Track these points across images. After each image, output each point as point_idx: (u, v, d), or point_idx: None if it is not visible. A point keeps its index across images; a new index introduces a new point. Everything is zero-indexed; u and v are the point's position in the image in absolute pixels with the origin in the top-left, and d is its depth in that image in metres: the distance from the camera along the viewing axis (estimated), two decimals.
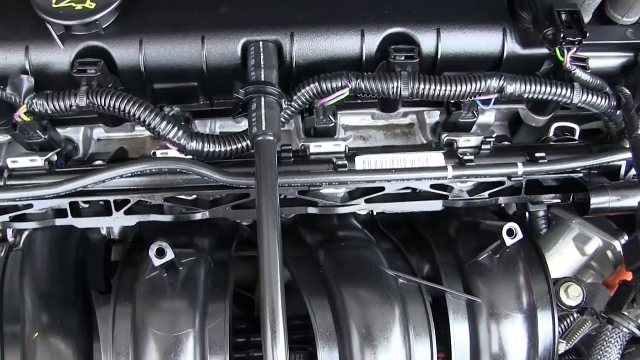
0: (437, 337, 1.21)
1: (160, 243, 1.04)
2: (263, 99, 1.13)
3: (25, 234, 1.35)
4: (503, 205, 1.35)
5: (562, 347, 1.37)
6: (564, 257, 1.42)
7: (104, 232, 1.40)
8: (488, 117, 1.47)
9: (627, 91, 1.27)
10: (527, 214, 1.48)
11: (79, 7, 1.18)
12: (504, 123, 1.55)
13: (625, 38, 1.40)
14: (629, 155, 1.27)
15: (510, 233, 1.10)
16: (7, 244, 1.33)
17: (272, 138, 1.09)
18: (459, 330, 1.21)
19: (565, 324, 1.31)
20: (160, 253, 1.05)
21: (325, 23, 1.25)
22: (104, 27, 1.23)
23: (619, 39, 1.40)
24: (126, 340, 1.14)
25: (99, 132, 1.42)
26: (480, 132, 1.38)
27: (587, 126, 1.47)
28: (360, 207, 1.25)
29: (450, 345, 1.19)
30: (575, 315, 1.32)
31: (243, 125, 1.37)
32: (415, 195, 1.27)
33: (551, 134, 1.38)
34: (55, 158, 1.26)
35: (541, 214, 1.50)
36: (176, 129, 1.14)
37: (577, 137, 1.37)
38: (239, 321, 1.46)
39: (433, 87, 1.18)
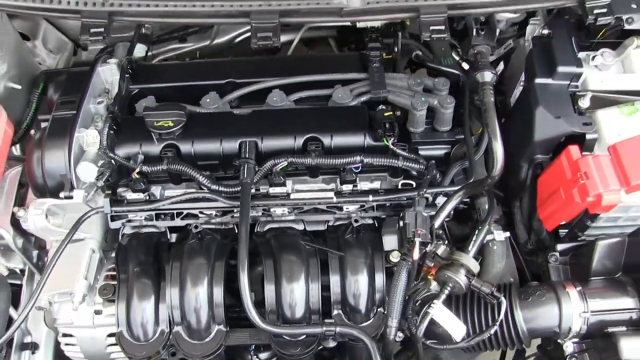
0: (323, 282, 2.16)
1: (196, 222, 2.26)
2: (246, 165, 2.31)
3: (126, 238, 2.37)
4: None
5: None
6: None
7: (168, 236, 2.54)
8: (375, 184, 2.59)
9: (433, 161, 2.39)
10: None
11: (166, 124, 2.24)
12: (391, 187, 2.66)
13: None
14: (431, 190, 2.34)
15: (356, 221, 2.26)
16: (118, 244, 2.55)
17: (249, 182, 2.29)
18: (334, 277, 2.16)
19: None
20: (196, 227, 2.25)
21: (277, 133, 2.29)
22: (176, 134, 2.31)
23: (440, 139, 2.37)
24: (177, 276, 2.24)
25: (167, 191, 2.64)
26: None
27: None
28: (293, 218, 2.41)
29: (330, 285, 2.20)
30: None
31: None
32: (321, 212, 2.44)
33: (399, 185, 2.52)
34: (148, 197, 2.47)
35: None
36: (207, 179, 2.34)
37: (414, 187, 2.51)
38: (234, 305, 2.29)
39: (327, 161, 2.27)
